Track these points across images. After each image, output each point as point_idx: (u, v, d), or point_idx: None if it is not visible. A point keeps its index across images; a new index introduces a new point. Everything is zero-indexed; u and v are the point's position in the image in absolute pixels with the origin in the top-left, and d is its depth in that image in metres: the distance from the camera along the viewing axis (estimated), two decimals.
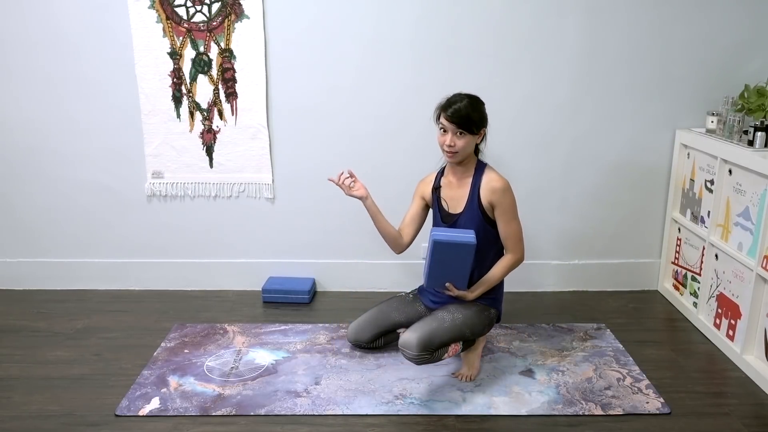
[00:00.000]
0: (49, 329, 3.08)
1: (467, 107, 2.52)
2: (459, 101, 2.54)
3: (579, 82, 3.23)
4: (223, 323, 3.13)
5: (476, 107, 2.55)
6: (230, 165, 3.34)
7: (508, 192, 2.58)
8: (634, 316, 3.24)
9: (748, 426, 2.38)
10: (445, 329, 2.52)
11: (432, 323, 2.53)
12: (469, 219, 2.62)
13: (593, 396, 2.55)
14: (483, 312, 2.64)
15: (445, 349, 2.55)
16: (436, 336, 2.49)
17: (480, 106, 2.57)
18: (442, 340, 2.51)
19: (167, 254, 3.48)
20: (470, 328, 2.59)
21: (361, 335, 2.79)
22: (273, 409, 2.46)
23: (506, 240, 2.62)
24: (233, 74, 3.21)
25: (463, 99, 2.54)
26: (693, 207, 3.19)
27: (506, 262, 2.65)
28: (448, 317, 2.56)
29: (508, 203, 2.58)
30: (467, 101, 2.54)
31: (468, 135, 2.53)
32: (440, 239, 2.42)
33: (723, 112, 3.05)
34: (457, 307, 2.61)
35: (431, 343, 2.47)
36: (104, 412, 2.45)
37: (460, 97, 2.56)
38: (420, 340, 2.45)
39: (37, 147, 3.33)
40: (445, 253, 2.45)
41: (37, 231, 3.45)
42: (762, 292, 2.66)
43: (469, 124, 2.52)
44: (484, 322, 2.65)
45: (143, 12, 3.13)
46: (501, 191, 2.56)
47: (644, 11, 3.14)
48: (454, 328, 2.54)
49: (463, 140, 2.53)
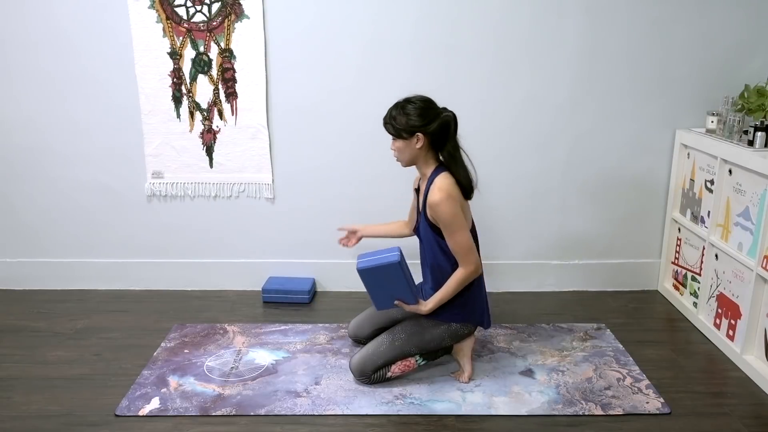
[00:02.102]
0: (49, 329, 3.08)
1: (390, 113, 2.50)
2: (392, 108, 2.51)
3: (579, 82, 3.23)
4: (223, 323, 3.13)
5: (405, 112, 2.46)
6: (230, 165, 3.34)
7: (443, 205, 2.40)
8: (634, 316, 3.24)
9: (748, 426, 2.38)
10: (380, 353, 2.56)
11: (369, 348, 2.59)
12: (424, 229, 2.57)
13: (593, 396, 2.55)
14: (435, 328, 2.58)
15: (387, 369, 2.58)
16: (368, 361, 2.56)
17: (411, 110, 2.45)
18: (376, 364, 2.56)
19: (167, 254, 3.48)
20: (417, 345, 2.57)
21: (360, 331, 2.82)
22: (273, 409, 2.46)
23: (454, 254, 2.48)
24: (233, 74, 3.21)
25: (396, 106, 2.50)
26: (693, 207, 3.19)
27: (457, 275, 2.49)
28: (387, 340, 2.58)
29: (445, 217, 2.42)
30: (395, 108, 2.49)
31: (399, 140, 2.49)
32: (362, 267, 2.42)
33: (723, 112, 3.05)
34: (405, 326, 2.60)
35: (365, 370, 2.56)
36: (104, 412, 2.45)
37: (397, 103, 2.51)
38: (354, 367, 2.58)
39: (37, 147, 3.33)
40: (375, 277, 2.43)
41: (37, 231, 3.45)
42: (762, 292, 2.66)
43: (393, 129, 2.49)
44: (439, 336, 2.58)
45: (143, 12, 3.13)
46: (435, 206, 2.41)
47: (644, 11, 3.14)
48: (393, 350, 2.56)
49: (396, 145, 2.52)
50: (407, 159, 2.53)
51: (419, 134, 2.46)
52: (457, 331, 2.61)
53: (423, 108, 2.46)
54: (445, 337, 2.60)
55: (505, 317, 3.21)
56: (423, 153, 2.50)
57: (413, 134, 2.46)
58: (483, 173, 3.33)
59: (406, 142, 2.48)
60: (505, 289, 3.49)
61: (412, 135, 2.46)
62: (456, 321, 2.59)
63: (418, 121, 2.45)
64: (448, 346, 2.69)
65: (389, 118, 2.50)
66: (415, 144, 2.47)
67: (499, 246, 3.45)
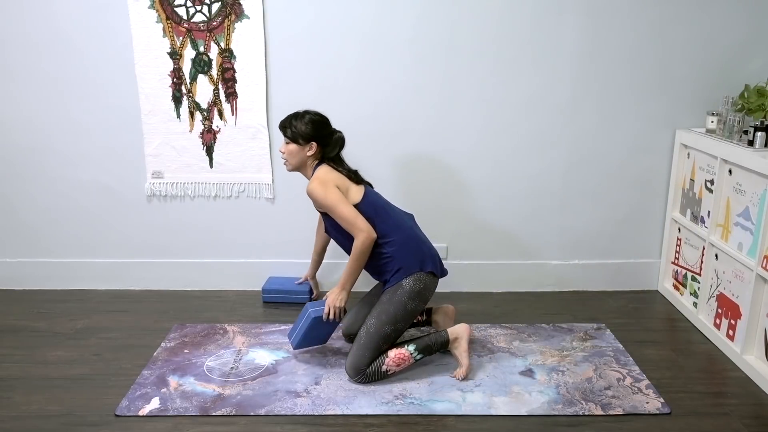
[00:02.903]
0: (49, 329, 3.08)
1: (290, 119, 2.73)
2: (292, 115, 2.75)
3: (579, 82, 3.23)
4: (223, 323, 3.13)
5: (305, 121, 2.71)
6: (230, 165, 3.34)
7: (316, 190, 2.65)
8: (634, 316, 3.24)
9: (748, 426, 2.38)
10: (363, 345, 2.61)
11: (353, 347, 2.65)
12: (324, 219, 2.80)
13: (593, 396, 2.55)
14: (392, 296, 2.64)
15: (381, 362, 2.60)
16: (357, 358, 2.60)
17: (311, 121, 2.72)
18: (365, 356, 2.59)
19: (167, 254, 3.48)
20: (389, 322, 2.61)
21: (352, 328, 2.82)
22: (273, 409, 2.46)
23: (346, 230, 2.67)
24: (233, 74, 3.22)
25: (296, 114, 2.74)
26: (693, 207, 3.19)
27: (355, 246, 2.64)
28: (363, 331, 2.64)
29: (320, 199, 2.65)
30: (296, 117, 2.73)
31: (293, 144, 2.72)
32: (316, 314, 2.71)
33: (723, 112, 3.05)
34: (372, 312, 2.67)
35: (358, 366, 2.60)
36: (104, 412, 2.45)
37: (296, 112, 2.75)
38: (348, 368, 2.62)
39: (37, 147, 3.33)
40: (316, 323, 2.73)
41: (37, 231, 3.45)
42: (762, 292, 2.65)
43: (291, 134, 2.71)
44: (400, 302, 2.63)
45: (143, 12, 3.13)
46: (310, 193, 2.67)
47: (644, 11, 3.14)
48: (372, 337, 2.61)
49: (288, 148, 2.74)
50: (295, 163, 2.77)
51: (314, 143, 2.72)
52: (413, 289, 2.63)
53: (321, 122, 2.76)
54: (406, 300, 2.63)
55: (505, 317, 3.21)
56: (310, 160, 2.76)
57: (309, 142, 2.71)
58: (483, 173, 3.36)
59: (299, 148, 2.73)
60: (505, 289, 3.49)
61: (307, 142, 2.71)
62: (400, 278, 2.64)
63: (316, 132, 2.73)
64: (444, 341, 2.69)
65: (289, 123, 2.73)
66: (307, 151, 2.73)
67: (499, 246, 3.45)
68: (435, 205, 3.38)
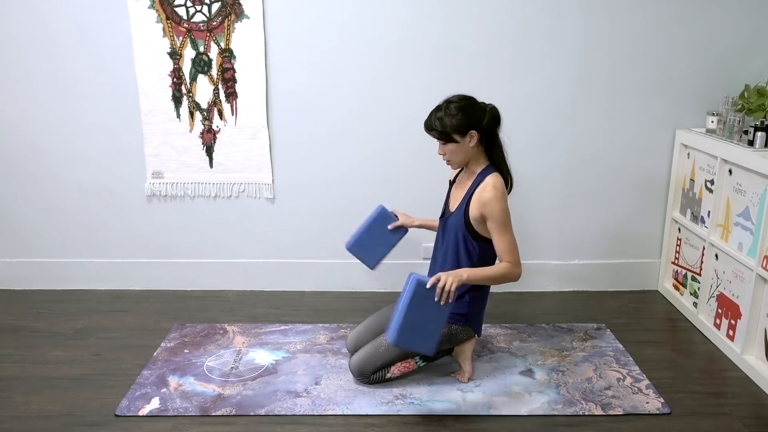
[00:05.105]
0: (49, 329, 3.08)
1: (433, 116, 2.44)
2: (434, 112, 2.45)
3: (579, 82, 3.23)
4: (223, 323, 3.13)
5: (450, 113, 2.40)
6: (230, 165, 3.34)
7: (495, 203, 2.37)
8: (634, 316, 3.24)
9: (748, 426, 2.38)
10: (379, 355, 2.55)
11: (369, 349, 2.58)
12: (455, 223, 2.52)
13: (593, 396, 2.55)
14: None
15: (386, 370, 2.57)
16: (367, 363, 2.55)
17: (455, 111, 2.40)
18: (375, 365, 2.55)
19: (167, 254, 3.48)
20: None
21: (361, 343, 2.71)
22: (273, 409, 2.46)
23: (501, 254, 2.43)
24: (233, 74, 3.21)
25: (439, 109, 2.44)
26: (693, 207, 3.19)
27: (502, 266, 2.42)
28: (385, 342, 2.53)
29: (499, 214, 2.38)
30: (438, 112, 2.43)
31: (450, 143, 2.44)
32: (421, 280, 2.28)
33: (723, 112, 3.05)
34: None
35: (364, 371, 2.56)
36: (104, 412, 2.45)
37: (438, 106, 2.45)
38: (354, 368, 2.58)
39: (36, 147, 3.32)
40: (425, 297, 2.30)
41: (37, 231, 3.45)
42: (762, 292, 2.65)
43: (440, 133, 2.43)
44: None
45: (143, 12, 3.13)
46: (486, 202, 2.38)
47: (644, 11, 3.14)
48: (391, 352, 2.54)
49: (448, 148, 2.46)
50: (462, 160, 2.48)
51: (473, 132, 2.41)
52: (456, 335, 2.60)
53: (468, 105, 2.42)
54: (443, 341, 2.57)
55: (505, 317, 3.21)
56: (475, 150, 2.46)
57: (466, 133, 2.41)
58: None
59: (458, 144, 2.43)
60: (505, 289, 3.49)
61: (464, 135, 2.42)
62: (458, 323, 2.58)
63: (468, 120, 2.40)
64: (448, 349, 2.68)
65: (435, 122, 2.42)
66: (469, 143, 2.42)
67: None
68: (435, 205, 3.37)
